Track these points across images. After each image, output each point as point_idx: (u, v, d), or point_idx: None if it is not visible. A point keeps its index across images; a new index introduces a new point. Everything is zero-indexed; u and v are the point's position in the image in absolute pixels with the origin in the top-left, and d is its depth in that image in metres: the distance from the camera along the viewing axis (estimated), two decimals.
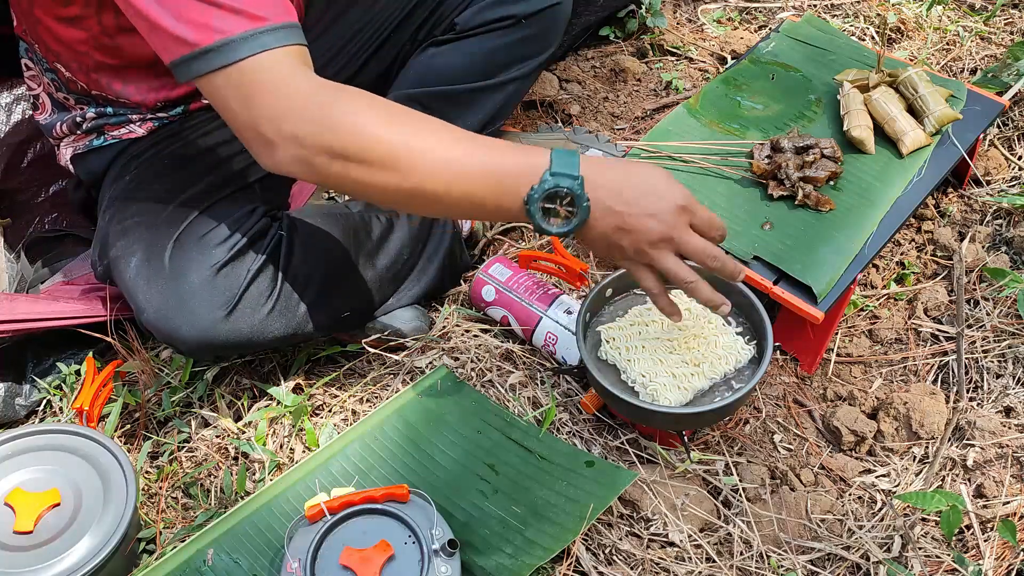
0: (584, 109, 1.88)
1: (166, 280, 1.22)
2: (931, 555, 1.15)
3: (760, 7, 2.11)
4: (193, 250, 1.23)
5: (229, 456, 1.32)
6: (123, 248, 1.26)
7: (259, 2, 1.03)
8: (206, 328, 1.20)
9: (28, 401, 1.38)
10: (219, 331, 1.21)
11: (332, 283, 1.30)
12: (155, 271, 1.23)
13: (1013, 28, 1.96)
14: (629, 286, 1.33)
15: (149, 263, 1.23)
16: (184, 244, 1.24)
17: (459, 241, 1.51)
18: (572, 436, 1.30)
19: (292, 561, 1.07)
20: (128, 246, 1.26)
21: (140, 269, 1.24)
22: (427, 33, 1.50)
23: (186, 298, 1.20)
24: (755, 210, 1.41)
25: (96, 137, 1.37)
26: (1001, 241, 1.55)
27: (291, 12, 1.06)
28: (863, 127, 1.48)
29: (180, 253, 1.23)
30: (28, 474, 1.16)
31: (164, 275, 1.22)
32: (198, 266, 1.22)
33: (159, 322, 1.21)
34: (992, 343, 1.40)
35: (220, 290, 1.21)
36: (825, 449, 1.32)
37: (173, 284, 1.21)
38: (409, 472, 1.23)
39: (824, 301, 1.30)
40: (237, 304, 1.21)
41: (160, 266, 1.23)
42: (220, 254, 1.23)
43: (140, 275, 1.23)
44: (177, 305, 1.21)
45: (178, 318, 1.20)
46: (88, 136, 1.37)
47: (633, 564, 1.16)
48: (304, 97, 1.03)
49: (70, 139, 1.38)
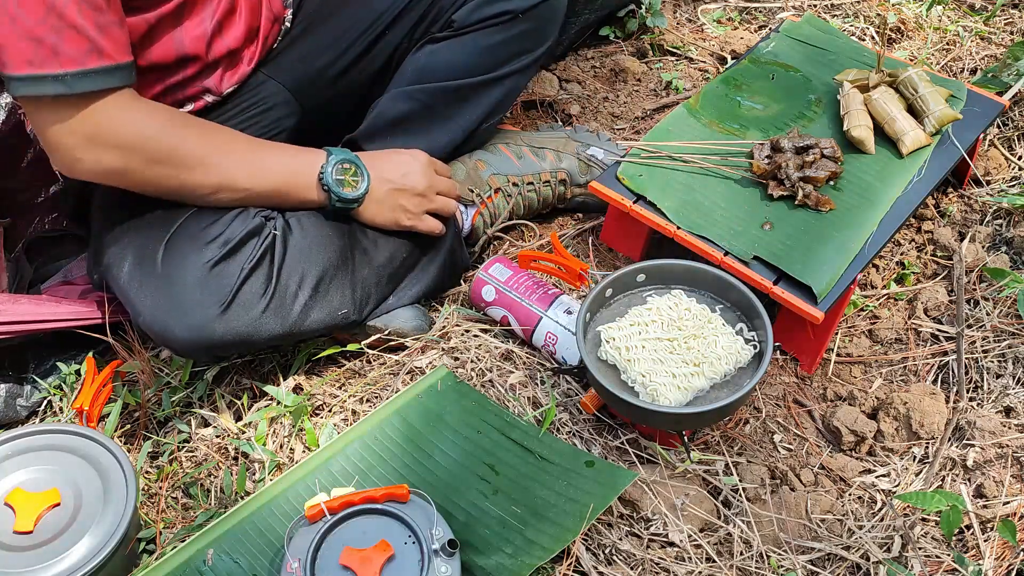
0: (584, 109, 1.88)
1: (159, 281, 1.22)
2: (931, 555, 1.15)
3: (760, 7, 2.11)
4: (185, 249, 1.23)
5: (229, 456, 1.32)
6: (115, 254, 1.27)
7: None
8: (200, 327, 1.20)
9: (29, 402, 1.38)
10: (214, 329, 1.21)
11: (328, 281, 1.30)
12: (147, 273, 1.23)
13: (1013, 28, 1.96)
14: (629, 286, 1.33)
15: (141, 266, 1.24)
16: (176, 244, 1.24)
17: (459, 241, 1.51)
18: (572, 436, 1.30)
19: (292, 561, 1.07)
20: (120, 251, 1.26)
21: (133, 272, 1.24)
22: (424, 30, 1.50)
23: (179, 297, 1.20)
24: (755, 210, 1.41)
25: None
26: (1001, 241, 1.55)
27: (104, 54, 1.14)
28: (863, 127, 1.48)
29: (172, 253, 1.23)
30: (28, 474, 1.16)
31: (156, 276, 1.22)
32: (191, 264, 1.22)
33: (154, 323, 1.22)
34: (992, 343, 1.40)
35: (213, 288, 1.21)
36: (825, 449, 1.32)
37: (166, 284, 1.21)
38: (409, 472, 1.23)
39: (824, 301, 1.30)
40: (231, 302, 1.21)
41: (152, 267, 1.23)
42: (213, 251, 1.23)
43: (133, 278, 1.24)
44: (170, 305, 1.21)
45: (172, 318, 1.20)
46: None
47: (633, 564, 1.16)
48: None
49: None
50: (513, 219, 1.59)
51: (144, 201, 1.29)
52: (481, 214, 1.54)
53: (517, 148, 1.59)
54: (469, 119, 1.51)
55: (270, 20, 1.41)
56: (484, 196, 1.54)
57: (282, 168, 1.31)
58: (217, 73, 1.35)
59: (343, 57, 1.49)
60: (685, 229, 1.39)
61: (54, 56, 1.09)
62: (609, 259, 1.58)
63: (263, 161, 1.30)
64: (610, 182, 1.47)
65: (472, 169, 1.55)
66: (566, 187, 1.61)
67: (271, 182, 1.30)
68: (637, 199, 1.44)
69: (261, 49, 1.41)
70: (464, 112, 1.50)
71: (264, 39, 1.41)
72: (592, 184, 1.47)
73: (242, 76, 1.39)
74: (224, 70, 1.36)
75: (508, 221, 1.58)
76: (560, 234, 1.63)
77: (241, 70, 1.38)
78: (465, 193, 1.52)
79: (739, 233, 1.38)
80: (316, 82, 1.48)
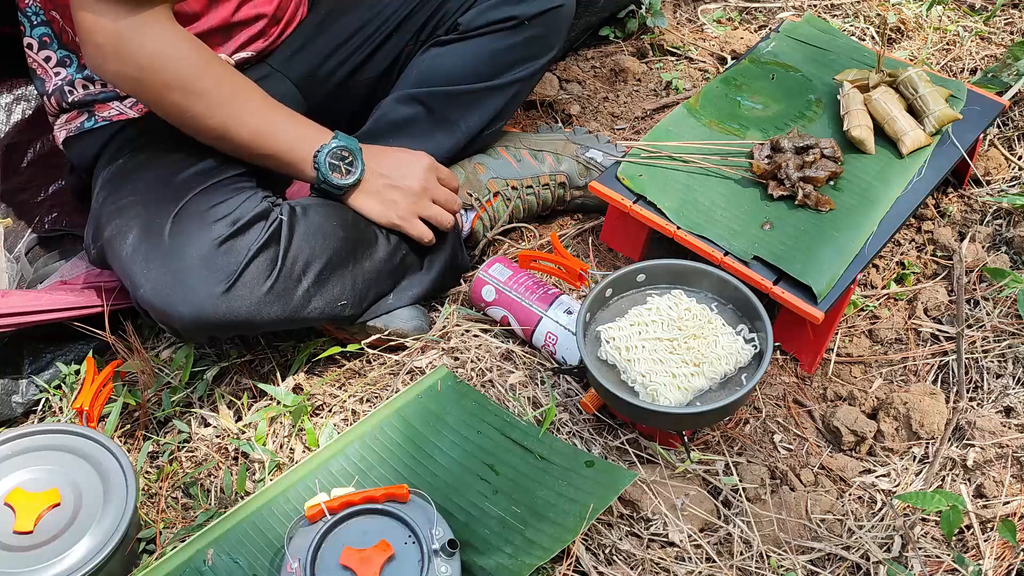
0: (584, 109, 1.88)
1: (165, 255, 1.21)
2: (931, 555, 1.15)
3: (760, 7, 2.11)
4: (194, 225, 1.23)
5: (229, 456, 1.32)
6: (119, 227, 1.26)
7: None
8: (203, 304, 1.19)
9: (25, 399, 1.38)
10: (216, 308, 1.20)
11: (331, 269, 1.30)
12: (153, 247, 1.22)
13: (1013, 28, 1.96)
14: (629, 286, 1.33)
15: (147, 239, 1.22)
16: (184, 220, 1.23)
17: (459, 241, 1.51)
18: (572, 436, 1.30)
19: (292, 561, 1.07)
20: (124, 224, 1.25)
21: (137, 245, 1.23)
22: (430, 33, 1.50)
23: (184, 273, 1.20)
24: (755, 210, 1.41)
25: (87, 118, 1.36)
26: (1001, 241, 1.55)
27: None
28: (863, 127, 1.48)
29: (180, 228, 1.22)
30: (28, 474, 1.16)
31: (163, 250, 1.21)
32: (199, 240, 1.21)
33: (155, 298, 1.20)
34: (992, 343, 1.40)
35: (220, 265, 1.20)
36: (825, 449, 1.32)
37: (172, 259, 1.20)
38: (409, 472, 1.23)
39: (824, 301, 1.30)
40: (236, 281, 1.21)
41: (159, 241, 1.22)
42: (221, 229, 1.22)
43: (138, 252, 1.22)
44: (175, 280, 1.20)
45: (175, 294, 1.19)
46: (79, 117, 1.36)
47: (633, 564, 1.16)
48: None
49: (62, 119, 1.38)
50: (513, 222, 1.59)
51: (151, 176, 1.29)
52: (480, 218, 1.54)
53: (516, 151, 1.59)
54: (472, 124, 1.51)
55: (297, 4, 1.44)
56: (483, 200, 1.54)
57: (287, 136, 1.31)
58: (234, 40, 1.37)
59: (350, 57, 1.50)
60: (685, 229, 1.39)
61: None
62: (609, 259, 1.58)
63: (273, 123, 1.31)
64: (610, 182, 1.47)
65: (471, 173, 1.55)
66: (565, 190, 1.61)
67: (272, 146, 1.30)
68: (637, 199, 1.44)
69: (280, 32, 1.43)
70: (467, 117, 1.50)
71: (286, 23, 1.43)
72: (592, 184, 1.47)
73: (258, 49, 1.40)
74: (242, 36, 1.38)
75: (508, 224, 1.58)
76: (560, 234, 1.63)
77: (257, 45, 1.40)
78: (464, 197, 1.52)
79: (739, 233, 1.38)
80: (321, 80, 1.49)
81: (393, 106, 1.48)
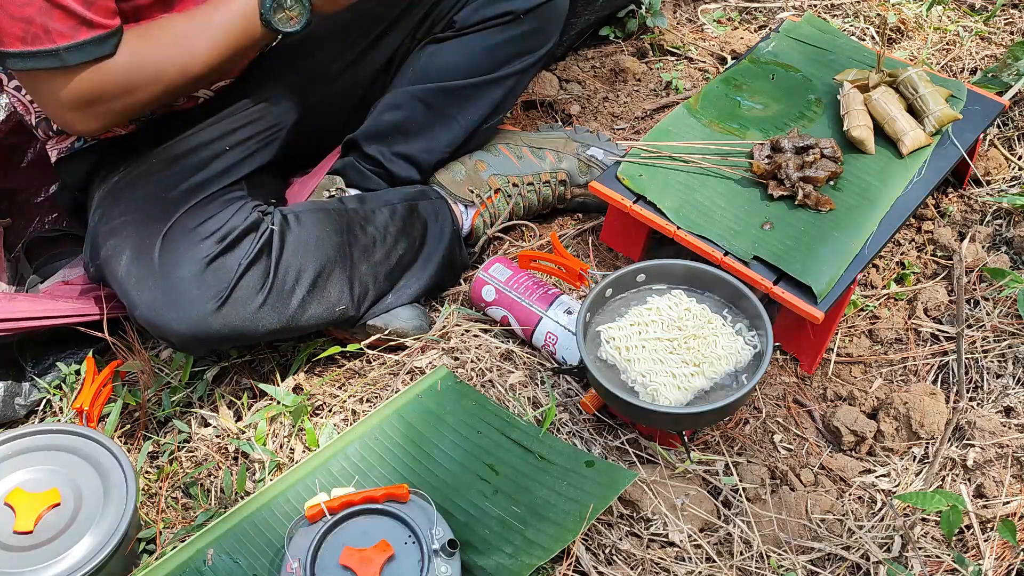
0: (584, 109, 1.88)
1: (156, 275, 1.22)
2: (931, 555, 1.15)
3: (760, 7, 2.11)
4: (182, 244, 1.24)
5: (229, 456, 1.32)
6: (113, 247, 1.27)
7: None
8: (197, 321, 1.21)
9: (27, 401, 1.38)
10: (211, 324, 1.21)
11: (326, 276, 1.31)
12: (145, 267, 1.23)
13: (1013, 28, 1.96)
14: (629, 286, 1.33)
15: (139, 260, 1.24)
16: (173, 239, 1.25)
17: (458, 239, 1.51)
18: (572, 436, 1.30)
19: (292, 561, 1.07)
20: (118, 244, 1.27)
21: (130, 266, 1.24)
22: (426, 31, 1.50)
23: (176, 292, 1.21)
24: (755, 210, 1.41)
25: (77, 139, 1.37)
26: (1001, 241, 1.55)
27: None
28: (863, 127, 1.48)
29: (169, 248, 1.24)
30: (28, 474, 1.16)
31: (154, 270, 1.23)
32: (188, 259, 1.22)
33: (151, 317, 1.22)
34: (992, 343, 1.40)
35: (210, 283, 1.22)
36: (825, 449, 1.32)
37: (163, 278, 1.22)
38: (409, 472, 1.23)
39: (824, 301, 1.30)
40: (228, 296, 1.22)
41: (150, 261, 1.23)
42: (210, 247, 1.24)
43: (131, 272, 1.24)
44: (167, 299, 1.21)
45: (169, 312, 1.21)
46: (69, 137, 1.37)
47: (633, 564, 1.16)
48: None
49: (53, 141, 1.38)
50: (513, 220, 1.59)
51: (142, 195, 1.30)
52: (481, 215, 1.54)
53: (517, 148, 1.60)
54: (470, 119, 1.51)
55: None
56: (484, 197, 1.54)
57: (231, 26, 1.25)
58: None
59: (345, 54, 1.50)
60: (685, 229, 1.39)
61: (45, 34, 1.12)
62: (609, 259, 1.58)
63: (214, 29, 1.25)
64: (610, 182, 1.47)
65: (472, 170, 1.55)
66: (566, 187, 1.61)
67: (228, 44, 1.25)
68: (637, 199, 1.44)
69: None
70: (465, 112, 1.50)
71: None
72: (592, 184, 1.47)
73: None
74: None
75: (508, 222, 1.58)
76: (560, 234, 1.63)
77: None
78: (465, 194, 1.52)
79: (739, 233, 1.38)
80: (318, 78, 1.49)
81: (391, 103, 1.48)
